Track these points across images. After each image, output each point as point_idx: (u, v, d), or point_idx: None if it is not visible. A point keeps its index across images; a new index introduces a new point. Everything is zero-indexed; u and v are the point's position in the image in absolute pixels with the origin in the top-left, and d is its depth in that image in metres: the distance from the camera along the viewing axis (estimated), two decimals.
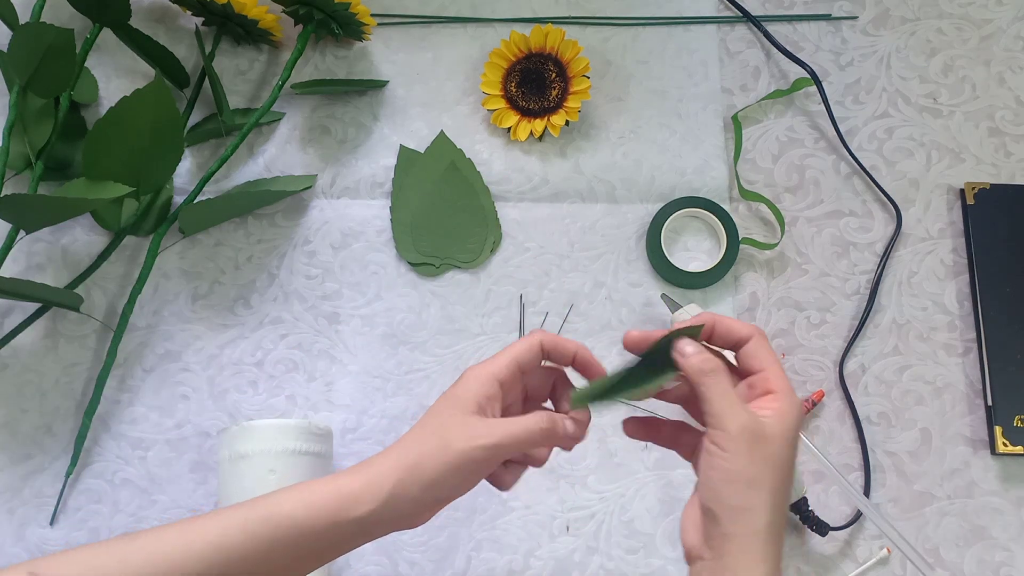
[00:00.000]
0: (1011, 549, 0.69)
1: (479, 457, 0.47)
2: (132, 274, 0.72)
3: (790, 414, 0.47)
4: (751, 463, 0.45)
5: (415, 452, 0.48)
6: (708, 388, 0.47)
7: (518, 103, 0.75)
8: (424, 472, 0.47)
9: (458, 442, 0.47)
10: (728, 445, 0.46)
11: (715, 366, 0.48)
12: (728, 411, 0.46)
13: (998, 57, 0.79)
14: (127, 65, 0.77)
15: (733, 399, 0.47)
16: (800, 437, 0.62)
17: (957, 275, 0.74)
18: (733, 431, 0.46)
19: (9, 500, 0.68)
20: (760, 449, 0.46)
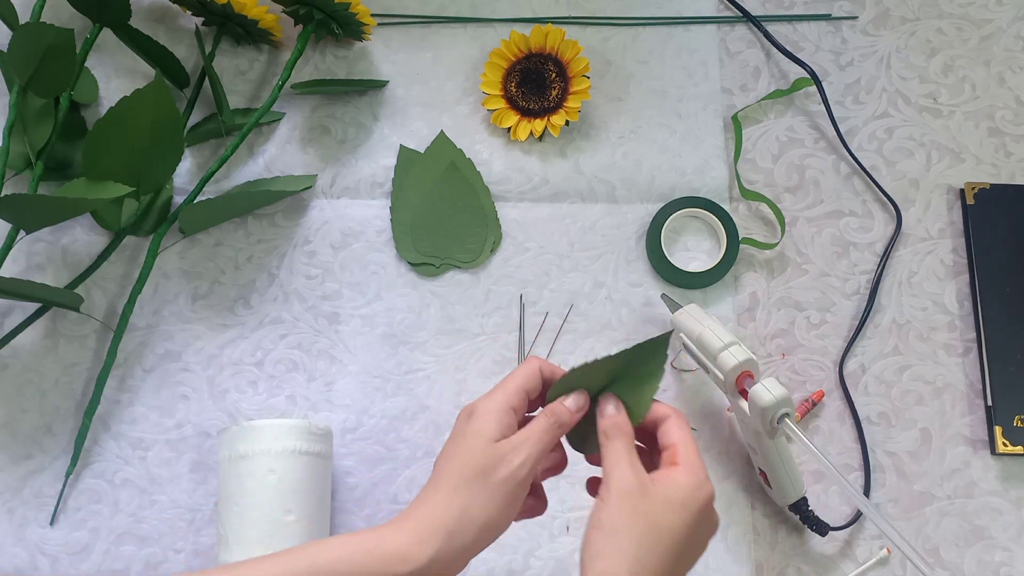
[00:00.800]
0: (1011, 549, 0.69)
1: (522, 476, 0.49)
2: (132, 274, 0.72)
3: (686, 485, 0.49)
4: (619, 513, 0.47)
5: (460, 499, 0.48)
6: (606, 448, 0.51)
7: (518, 103, 0.75)
8: (475, 519, 0.48)
9: (497, 471, 0.49)
10: (606, 497, 0.48)
11: (618, 431, 0.51)
12: (615, 469, 0.49)
13: (998, 57, 0.79)
14: (127, 65, 0.77)
15: (624, 461, 0.50)
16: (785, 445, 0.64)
17: (957, 275, 0.74)
18: (612, 486, 0.49)
19: (9, 500, 0.68)
20: (633, 504, 0.48)
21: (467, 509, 0.48)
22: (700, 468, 0.50)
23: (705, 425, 0.70)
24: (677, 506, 0.48)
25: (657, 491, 0.48)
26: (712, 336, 0.63)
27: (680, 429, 0.52)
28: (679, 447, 0.51)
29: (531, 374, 0.53)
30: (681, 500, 0.49)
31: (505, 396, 0.52)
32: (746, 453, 0.69)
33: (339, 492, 0.68)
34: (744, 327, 0.73)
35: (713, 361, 0.62)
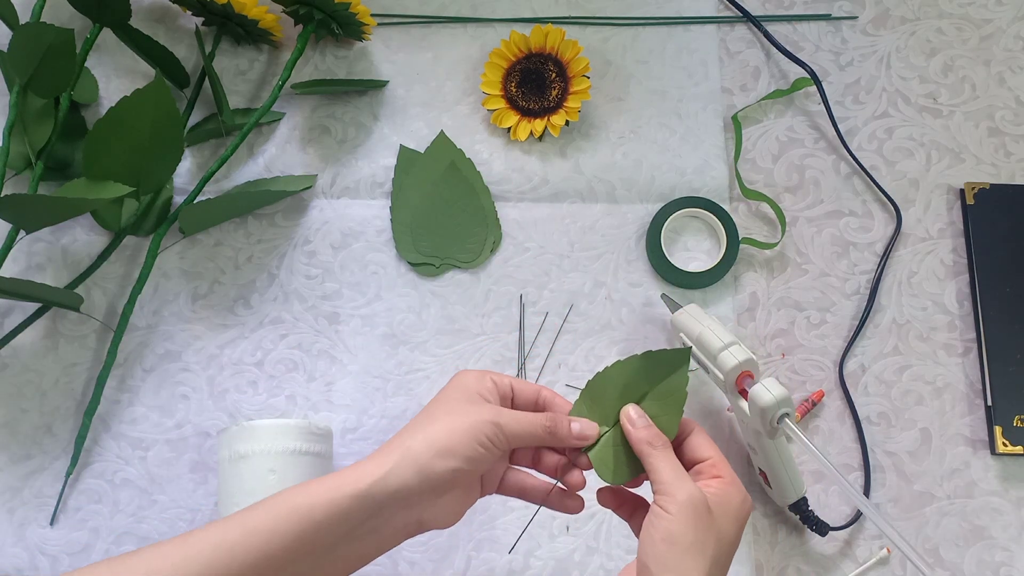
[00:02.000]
0: (1011, 549, 0.69)
1: (488, 431, 0.48)
2: (132, 274, 0.72)
3: (735, 497, 0.49)
4: (694, 529, 0.47)
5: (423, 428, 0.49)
6: (656, 459, 0.50)
7: (518, 103, 0.75)
8: (437, 439, 0.48)
9: (467, 416, 0.49)
10: (673, 509, 0.47)
11: (660, 440, 0.51)
12: (677, 480, 0.48)
13: (998, 57, 0.79)
14: (127, 65, 0.77)
15: (682, 472, 0.49)
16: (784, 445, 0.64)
17: (957, 275, 0.74)
18: (680, 498, 0.47)
19: (9, 500, 0.68)
20: (704, 519, 0.47)
21: (427, 435, 0.48)
22: (739, 482, 0.51)
23: (705, 425, 0.70)
24: (732, 520, 0.49)
25: (717, 507, 0.49)
26: (712, 336, 0.63)
27: (710, 443, 0.52)
28: (718, 461, 0.51)
29: (527, 387, 0.54)
30: (735, 514, 0.49)
31: (492, 373, 0.53)
32: (746, 453, 0.69)
33: None
34: (744, 327, 0.73)
35: (713, 361, 0.62)
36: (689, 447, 0.52)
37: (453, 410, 0.50)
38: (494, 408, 0.50)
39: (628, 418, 0.52)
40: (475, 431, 0.48)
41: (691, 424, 0.53)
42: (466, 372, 0.53)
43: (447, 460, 0.48)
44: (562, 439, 0.52)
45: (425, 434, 0.49)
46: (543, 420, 0.51)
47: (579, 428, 0.52)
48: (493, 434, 0.49)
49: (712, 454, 0.51)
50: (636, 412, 0.52)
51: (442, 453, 0.48)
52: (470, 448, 0.48)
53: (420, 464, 0.48)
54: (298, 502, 0.47)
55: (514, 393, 0.53)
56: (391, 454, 0.48)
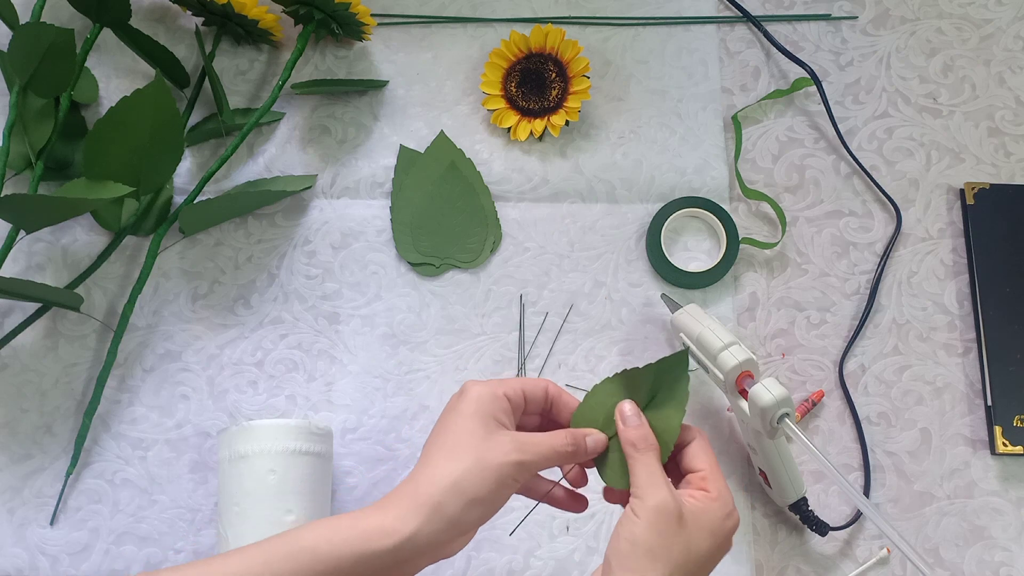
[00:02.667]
0: (1011, 549, 0.69)
1: (513, 472, 0.48)
2: (132, 274, 0.72)
3: (716, 512, 0.49)
4: (658, 535, 0.47)
5: (450, 472, 0.48)
6: (637, 463, 0.50)
7: (518, 103, 0.75)
8: (466, 490, 0.47)
9: (494, 457, 0.48)
10: (641, 513, 0.48)
11: (649, 445, 0.50)
12: (651, 486, 0.49)
13: (998, 57, 0.79)
14: (127, 65, 0.77)
15: (659, 478, 0.49)
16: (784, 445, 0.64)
17: (957, 275, 0.74)
18: (649, 503, 0.48)
19: (9, 500, 0.68)
20: (671, 527, 0.47)
21: (457, 483, 0.47)
22: (729, 498, 0.50)
23: (705, 425, 0.70)
24: (708, 534, 0.49)
25: (692, 517, 0.48)
26: (712, 336, 0.63)
27: (707, 453, 0.52)
28: (709, 474, 0.51)
29: (536, 385, 0.53)
30: (712, 528, 0.49)
31: (502, 385, 0.51)
32: (746, 453, 0.69)
33: (339, 492, 0.68)
34: (744, 327, 0.73)
35: (713, 361, 0.62)
36: (686, 455, 0.52)
37: (475, 445, 0.49)
38: (515, 440, 0.49)
39: (621, 415, 0.52)
40: (501, 475, 0.48)
41: (694, 433, 0.53)
42: (477, 389, 0.51)
43: (477, 509, 0.48)
44: (580, 458, 0.52)
45: (454, 482, 0.47)
46: (564, 445, 0.51)
47: (592, 444, 0.52)
48: (519, 473, 0.49)
49: (705, 467, 0.51)
50: (631, 409, 0.52)
51: (472, 503, 0.47)
52: (499, 494, 0.48)
53: (450, 517, 0.47)
54: (322, 553, 0.46)
55: (526, 398, 0.53)
56: (421, 508, 0.47)
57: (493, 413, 0.50)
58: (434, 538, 0.47)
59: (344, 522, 0.47)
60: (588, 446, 0.52)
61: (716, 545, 0.49)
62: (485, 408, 0.50)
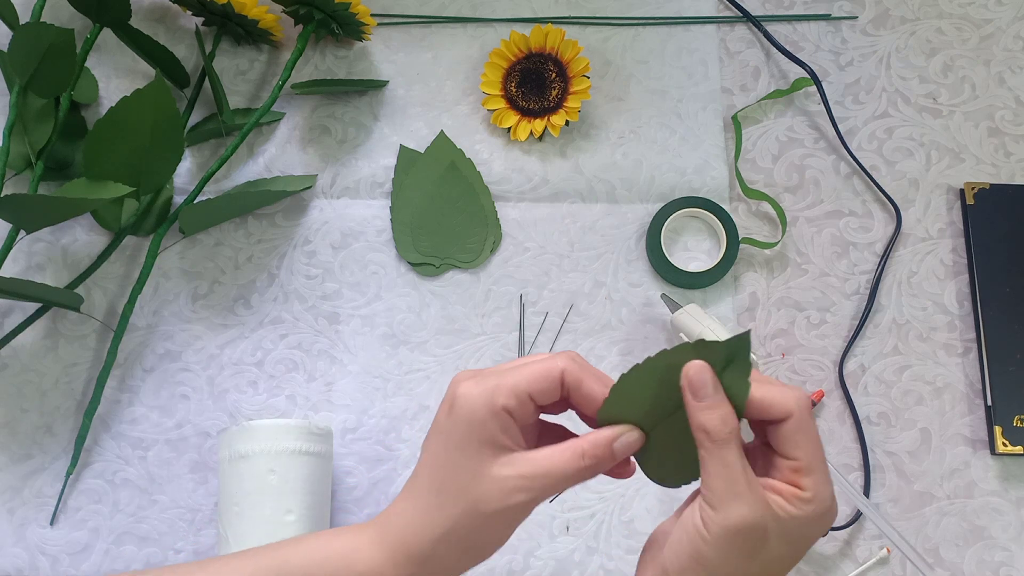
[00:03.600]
0: (1011, 549, 0.69)
1: (517, 514, 0.41)
2: (132, 274, 0.72)
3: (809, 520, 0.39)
4: (733, 561, 0.38)
5: (441, 520, 0.41)
6: (713, 457, 0.39)
7: (518, 103, 0.75)
8: (458, 541, 0.41)
9: (490, 502, 0.40)
10: (716, 531, 0.38)
11: (728, 434, 0.39)
12: (729, 494, 0.38)
13: (998, 57, 0.79)
14: (127, 65, 0.77)
15: (741, 482, 0.38)
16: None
17: (957, 275, 0.74)
18: (728, 521, 0.38)
19: (9, 500, 0.68)
20: (750, 549, 0.38)
21: (449, 532, 0.40)
22: (828, 495, 0.39)
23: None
24: (795, 542, 0.39)
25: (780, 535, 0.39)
26: (712, 336, 0.63)
27: (806, 436, 0.39)
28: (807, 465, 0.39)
29: (545, 379, 0.41)
30: (801, 536, 0.39)
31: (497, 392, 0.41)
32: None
33: (339, 492, 0.68)
34: (744, 327, 0.73)
35: None
36: (780, 436, 0.40)
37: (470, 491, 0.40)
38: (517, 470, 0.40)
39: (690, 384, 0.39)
40: (504, 520, 0.40)
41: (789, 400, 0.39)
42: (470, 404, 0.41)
43: (477, 557, 0.41)
44: (606, 467, 0.42)
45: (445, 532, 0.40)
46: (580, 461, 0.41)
47: (624, 447, 0.41)
48: (523, 512, 0.40)
49: (802, 456, 0.39)
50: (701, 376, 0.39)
51: (470, 552, 0.41)
52: (501, 536, 0.41)
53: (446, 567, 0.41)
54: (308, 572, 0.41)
55: (534, 400, 0.42)
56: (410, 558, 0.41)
57: (491, 437, 0.40)
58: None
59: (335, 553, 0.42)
60: (616, 452, 0.41)
61: (798, 552, 0.40)
62: (478, 433, 0.40)
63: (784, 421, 0.40)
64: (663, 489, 0.69)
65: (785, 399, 0.40)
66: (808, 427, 0.40)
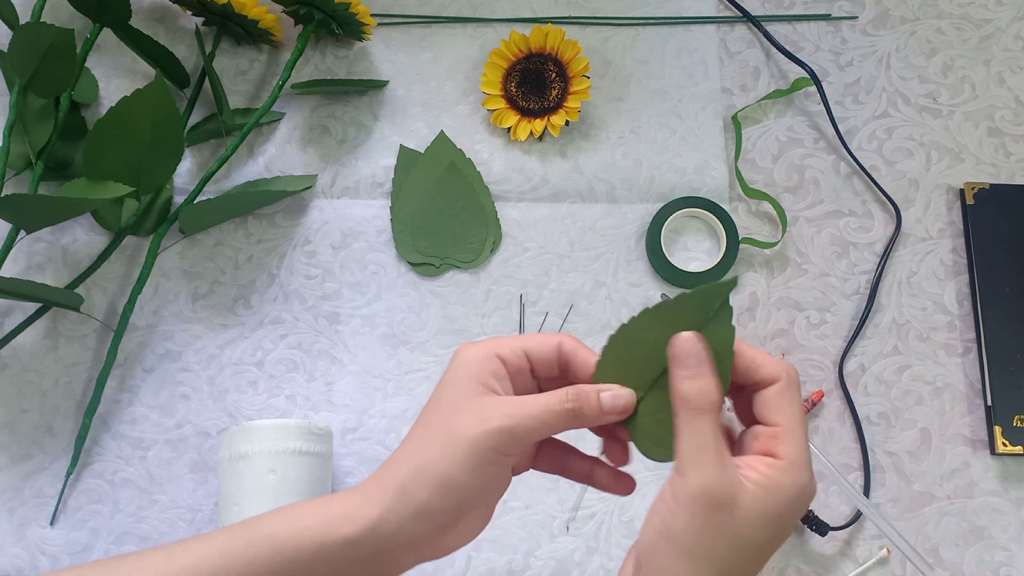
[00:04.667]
0: (1011, 549, 0.69)
1: (493, 444, 0.39)
2: (132, 274, 0.72)
3: (783, 491, 0.38)
4: (699, 530, 0.37)
5: (417, 452, 0.40)
6: (687, 425, 0.39)
7: (518, 103, 0.75)
8: (432, 470, 0.39)
9: (466, 428, 0.39)
10: (681, 498, 0.38)
11: (705, 404, 0.39)
12: (696, 460, 0.38)
13: (998, 57, 0.79)
14: (127, 65, 0.77)
15: (710, 449, 0.38)
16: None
17: (957, 275, 0.74)
18: (693, 486, 0.38)
19: (9, 500, 0.68)
20: (718, 517, 0.37)
21: (422, 464, 0.40)
22: (805, 465, 0.38)
23: None
24: (771, 520, 0.38)
25: (750, 501, 0.38)
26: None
27: (789, 402, 0.39)
28: (785, 433, 0.39)
29: (544, 342, 0.42)
30: (778, 513, 0.38)
31: (495, 343, 0.42)
32: None
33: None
34: (744, 327, 0.73)
35: None
36: (763, 399, 0.40)
37: (452, 421, 0.40)
38: (499, 405, 0.40)
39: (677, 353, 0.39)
40: (479, 449, 0.39)
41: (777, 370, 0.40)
42: (468, 351, 0.42)
43: (450, 496, 0.40)
44: (592, 419, 0.41)
45: (420, 464, 0.40)
46: (563, 403, 0.40)
47: (611, 400, 0.41)
48: (502, 445, 0.39)
49: (781, 420, 0.39)
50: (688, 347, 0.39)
51: (442, 489, 0.39)
52: (474, 473, 0.39)
53: (417, 504, 0.39)
54: (281, 540, 0.40)
55: (530, 360, 0.43)
56: (385, 491, 0.40)
57: (480, 378, 0.41)
58: (403, 527, 0.40)
59: (310, 508, 0.41)
60: (603, 404, 0.41)
61: (776, 532, 0.38)
62: (471, 373, 0.41)
63: (770, 385, 0.40)
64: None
65: (774, 364, 0.40)
66: (793, 395, 0.40)
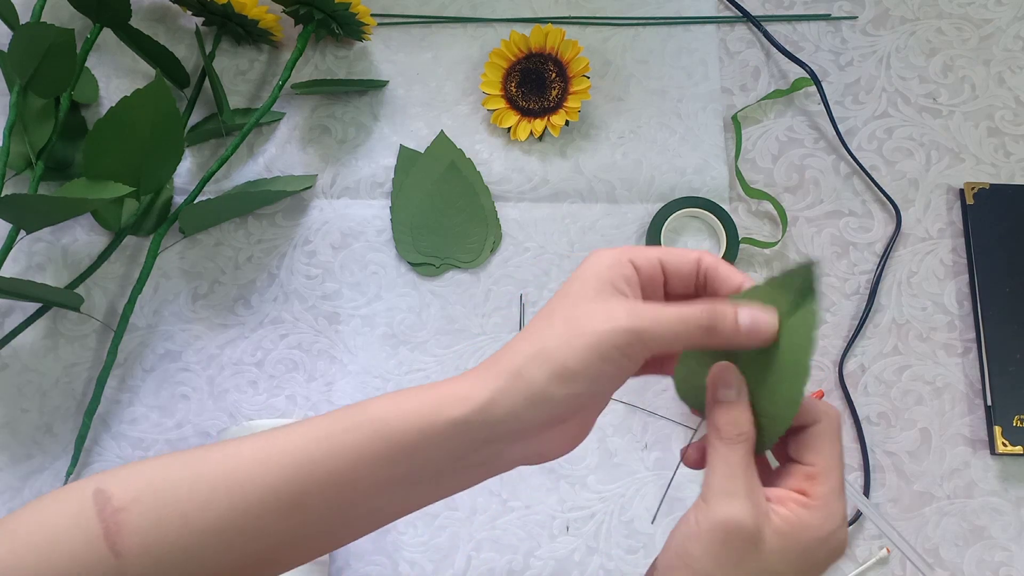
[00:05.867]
0: (1011, 549, 0.69)
1: (618, 342, 0.37)
2: (132, 274, 0.72)
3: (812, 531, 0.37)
4: (715, 558, 0.37)
5: (538, 338, 0.38)
6: (717, 454, 0.38)
7: (518, 103, 0.75)
8: (553, 357, 0.37)
9: (592, 322, 0.37)
10: (702, 524, 0.37)
11: (738, 434, 0.38)
12: (722, 491, 0.37)
13: (998, 57, 0.79)
14: (127, 65, 0.77)
15: (740, 479, 0.37)
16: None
17: (957, 275, 0.74)
18: (715, 515, 0.37)
19: (9, 500, 0.68)
20: (741, 553, 0.37)
21: (542, 350, 0.38)
22: (838, 510, 0.38)
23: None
24: (794, 557, 0.37)
25: (776, 539, 0.37)
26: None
27: (829, 442, 0.39)
28: (820, 472, 0.38)
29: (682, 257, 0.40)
30: (802, 550, 0.37)
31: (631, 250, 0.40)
32: None
33: None
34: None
35: None
36: (800, 440, 0.39)
37: (578, 312, 0.38)
38: (629, 306, 0.38)
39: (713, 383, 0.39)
40: (603, 345, 0.37)
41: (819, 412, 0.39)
42: (601, 254, 0.40)
43: (567, 385, 0.37)
44: (727, 337, 0.38)
45: (540, 349, 0.38)
46: (698, 315, 0.38)
47: (749, 319, 0.38)
48: (628, 345, 0.37)
49: (819, 462, 0.39)
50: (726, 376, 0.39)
51: (561, 376, 0.37)
52: (596, 367, 0.37)
53: (533, 391, 0.37)
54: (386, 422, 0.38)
55: (665, 272, 0.41)
56: (499, 374, 0.38)
57: (611, 279, 0.39)
58: (515, 411, 0.37)
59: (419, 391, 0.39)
60: (741, 324, 0.38)
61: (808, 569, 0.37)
62: (602, 273, 0.39)
63: (811, 426, 0.39)
64: (663, 489, 0.69)
65: (818, 405, 0.40)
66: (834, 438, 0.39)
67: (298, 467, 0.38)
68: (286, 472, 0.38)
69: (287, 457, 0.39)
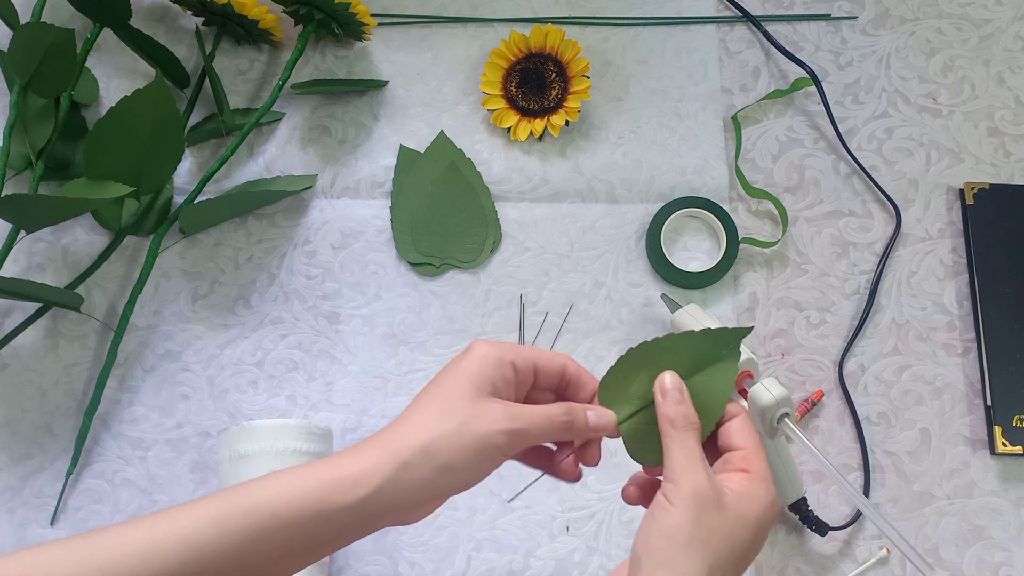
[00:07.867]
0: (1011, 549, 0.69)
1: (499, 443, 0.44)
2: (132, 274, 0.72)
3: (759, 498, 0.44)
4: (695, 524, 0.42)
5: (426, 432, 0.43)
6: (674, 443, 0.45)
7: (518, 103, 0.75)
8: (438, 454, 0.43)
9: (478, 424, 0.43)
10: (676, 500, 0.43)
11: (690, 424, 0.46)
12: (687, 468, 0.44)
13: (998, 57, 0.79)
14: (127, 65, 0.77)
15: (697, 460, 0.44)
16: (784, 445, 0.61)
17: (956, 275, 0.74)
18: (685, 488, 0.43)
19: (9, 500, 0.68)
20: (710, 515, 0.43)
21: (430, 445, 0.43)
22: (771, 480, 0.46)
23: None
24: (751, 523, 0.44)
25: (733, 503, 0.44)
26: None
27: (749, 431, 0.47)
28: (752, 454, 0.46)
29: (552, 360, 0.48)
30: (756, 517, 0.44)
31: (511, 351, 0.46)
32: None
33: None
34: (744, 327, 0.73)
35: None
36: (725, 433, 0.47)
37: (461, 409, 0.44)
38: (506, 410, 0.45)
39: (662, 387, 0.47)
40: (486, 446, 0.44)
41: (737, 409, 0.48)
42: (486, 349, 0.46)
43: (447, 478, 0.44)
44: (579, 433, 0.47)
45: (427, 444, 0.43)
46: (560, 416, 0.46)
47: (595, 419, 0.47)
48: (506, 444, 0.44)
49: (746, 444, 0.46)
50: (673, 382, 0.47)
51: (446, 472, 0.43)
52: (477, 464, 0.44)
53: (418, 482, 0.43)
54: (281, 506, 0.42)
55: (537, 374, 0.48)
56: (388, 462, 0.43)
57: (492, 379, 0.45)
58: (401, 498, 0.43)
59: (311, 473, 0.43)
60: (590, 421, 0.47)
61: (756, 535, 0.44)
62: (485, 372, 0.45)
63: (732, 420, 0.47)
64: None
65: (730, 405, 0.48)
66: (752, 426, 0.47)
67: (187, 548, 0.41)
68: (175, 554, 0.41)
69: (178, 542, 0.41)
